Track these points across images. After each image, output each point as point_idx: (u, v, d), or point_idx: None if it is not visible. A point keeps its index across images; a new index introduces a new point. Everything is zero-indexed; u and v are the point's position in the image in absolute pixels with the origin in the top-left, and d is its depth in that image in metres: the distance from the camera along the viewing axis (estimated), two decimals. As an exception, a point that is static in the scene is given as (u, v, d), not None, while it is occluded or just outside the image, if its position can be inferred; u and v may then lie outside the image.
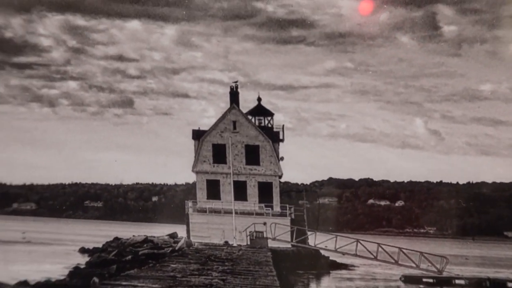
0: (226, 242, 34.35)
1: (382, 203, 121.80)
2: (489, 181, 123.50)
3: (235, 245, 34.13)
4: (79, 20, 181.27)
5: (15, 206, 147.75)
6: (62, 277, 19.66)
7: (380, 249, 35.77)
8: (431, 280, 34.12)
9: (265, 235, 35.99)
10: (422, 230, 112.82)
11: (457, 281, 32.93)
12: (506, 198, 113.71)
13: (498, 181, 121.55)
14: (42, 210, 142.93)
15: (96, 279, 15.33)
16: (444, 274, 34.08)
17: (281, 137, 39.71)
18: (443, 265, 35.24)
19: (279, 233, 36.11)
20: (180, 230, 38.04)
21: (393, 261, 35.64)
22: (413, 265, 34.73)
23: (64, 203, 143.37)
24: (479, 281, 33.47)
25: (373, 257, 36.45)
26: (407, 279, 33.50)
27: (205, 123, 37.99)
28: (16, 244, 48.74)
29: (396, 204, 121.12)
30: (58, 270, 23.11)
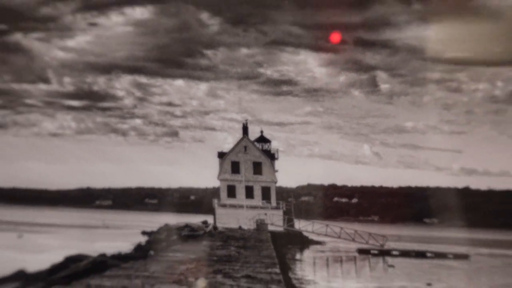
0: (240, 227, 36.15)
1: (343, 200, 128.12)
2: (413, 185, 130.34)
3: (246, 228, 35.65)
4: (142, 79, 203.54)
5: (97, 202, 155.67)
6: (129, 251, 20.12)
7: (342, 231, 39.75)
8: (376, 252, 36.37)
9: (266, 222, 38.13)
10: (369, 218, 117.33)
11: (393, 252, 34.85)
12: (423, 196, 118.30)
13: (418, 185, 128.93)
14: (116, 205, 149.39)
15: (152, 252, 15.62)
16: (385, 247, 38.19)
17: (276, 156, 43.39)
18: (384, 241, 38.32)
19: (275, 220, 38.54)
20: (209, 219, 39.99)
21: (351, 239, 39.74)
22: (364, 241, 36.76)
23: (131, 200, 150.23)
24: (408, 252, 37.08)
25: (337, 236, 39.95)
26: (360, 251, 36.00)
27: (226, 147, 40.61)
28: (98, 228, 50.80)
29: (352, 201, 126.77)
30: (126, 246, 23.50)
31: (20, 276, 11.47)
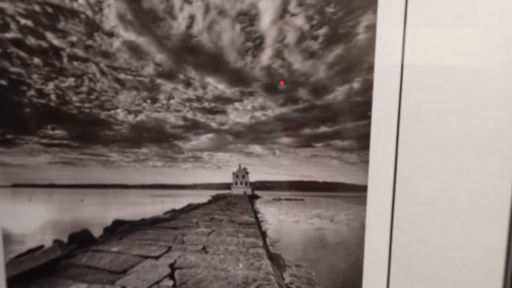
0: (238, 194, 58.61)
1: (268, 184, 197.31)
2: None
3: (240, 194, 57.36)
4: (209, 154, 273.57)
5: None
6: (206, 201, 34.19)
7: (268, 192, 75.67)
8: (278, 199, 61.63)
9: (246, 192, 62.22)
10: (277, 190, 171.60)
11: (284, 199, 59.62)
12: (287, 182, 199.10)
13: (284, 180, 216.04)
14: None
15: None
16: (281, 197, 66.59)
17: (249, 173, 75.98)
18: (279, 196, 69.18)
19: (248, 191, 63.81)
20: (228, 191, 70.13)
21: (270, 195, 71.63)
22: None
23: (213, 187, 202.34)
24: (287, 199, 64.26)
25: (267, 195, 75.02)
26: (273, 199, 59.32)
27: (234, 170, 69.65)
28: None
29: (272, 185, 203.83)
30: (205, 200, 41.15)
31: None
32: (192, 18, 0.57)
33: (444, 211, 0.58)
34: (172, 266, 0.62)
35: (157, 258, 0.63)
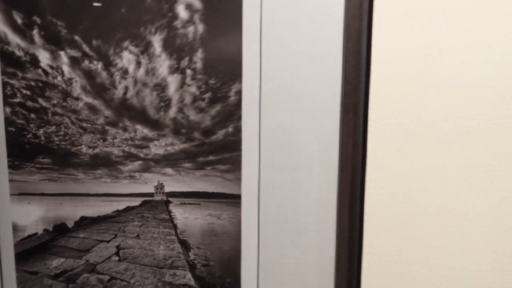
0: (158, 200, 55.13)
1: None
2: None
3: (159, 200, 49.67)
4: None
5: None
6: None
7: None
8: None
9: (163, 199, 59.49)
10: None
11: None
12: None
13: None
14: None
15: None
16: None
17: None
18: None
19: (164, 198, 57.61)
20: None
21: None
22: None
23: None
24: None
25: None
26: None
27: None
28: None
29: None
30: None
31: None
32: (126, 88, 0.90)
33: (293, 208, 0.87)
34: (117, 247, 0.94)
35: (108, 241, 0.95)
